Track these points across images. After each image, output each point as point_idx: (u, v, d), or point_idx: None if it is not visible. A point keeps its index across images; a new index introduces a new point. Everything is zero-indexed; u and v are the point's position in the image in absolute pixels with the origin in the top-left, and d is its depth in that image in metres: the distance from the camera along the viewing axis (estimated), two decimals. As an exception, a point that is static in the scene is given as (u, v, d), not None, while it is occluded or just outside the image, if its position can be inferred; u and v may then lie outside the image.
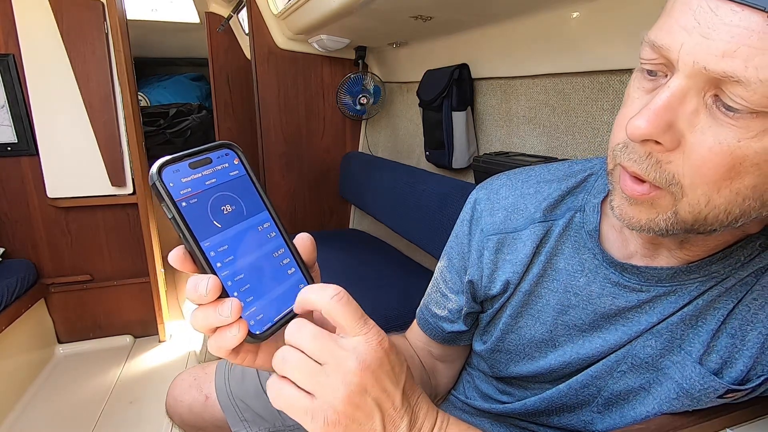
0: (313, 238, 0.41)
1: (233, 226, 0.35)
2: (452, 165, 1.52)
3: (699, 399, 0.46)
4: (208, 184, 0.34)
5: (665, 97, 0.34)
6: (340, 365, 0.33)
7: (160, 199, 0.32)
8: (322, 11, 1.42)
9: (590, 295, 0.50)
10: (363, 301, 0.36)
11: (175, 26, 2.63)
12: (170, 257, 0.33)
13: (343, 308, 0.34)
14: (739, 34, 0.29)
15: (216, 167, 0.35)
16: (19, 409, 1.56)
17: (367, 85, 1.99)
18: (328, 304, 0.33)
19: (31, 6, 1.54)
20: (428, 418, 0.38)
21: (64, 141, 1.67)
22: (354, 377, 0.33)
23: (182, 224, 0.32)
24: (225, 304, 0.32)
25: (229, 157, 0.36)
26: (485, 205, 0.57)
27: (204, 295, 0.32)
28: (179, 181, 0.32)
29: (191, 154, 0.34)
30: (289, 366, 0.33)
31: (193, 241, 0.32)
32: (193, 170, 0.34)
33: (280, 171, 2.08)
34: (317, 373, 0.33)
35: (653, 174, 0.36)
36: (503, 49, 1.27)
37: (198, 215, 0.33)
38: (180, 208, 0.32)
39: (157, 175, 0.31)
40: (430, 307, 0.64)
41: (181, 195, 0.32)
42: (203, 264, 0.33)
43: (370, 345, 0.34)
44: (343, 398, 0.32)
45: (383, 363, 0.34)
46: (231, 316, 0.32)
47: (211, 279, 0.32)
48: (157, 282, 1.85)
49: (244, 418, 0.76)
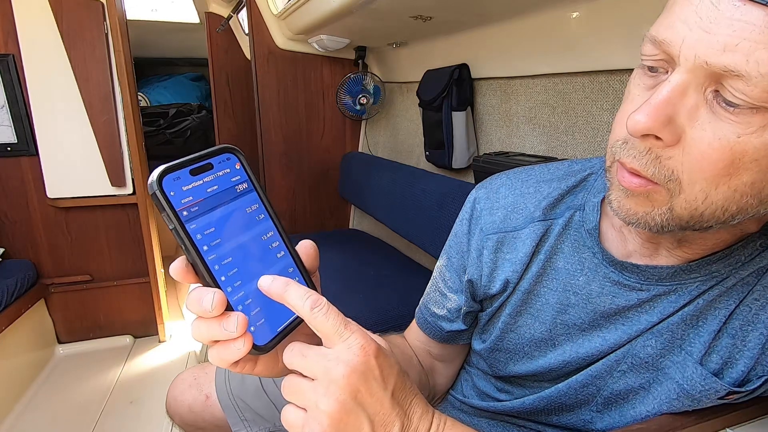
0: (315, 246, 0.41)
1: (236, 236, 0.34)
2: (452, 165, 1.52)
3: (699, 400, 0.46)
4: (210, 191, 0.33)
5: (666, 92, 0.34)
6: (326, 376, 0.33)
7: (160, 209, 0.30)
8: (322, 11, 1.42)
9: (590, 294, 0.50)
10: (363, 301, 0.36)
11: (175, 26, 2.63)
12: (171, 269, 0.32)
13: (323, 318, 0.34)
14: (740, 28, 0.30)
15: (217, 173, 0.34)
16: (19, 409, 1.56)
17: (367, 85, 1.99)
18: (309, 315, 0.34)
19: (31, 6, 1.54)
20: (423, 421, 0.38)
21: (64, 141, 1.66)
22: (339, 384, 0.33)
23: (184, 235, 0.31)
24: (231, 319, 0.32)
25: (231, 161, 0.35)
26: (485, 205, 0.57)
27: (209, 310, 0.31)
28: (180, 189, 0.31)
29: (192, 160, 0.32)
30: (286, 390, 0.35)
31: (196, 253, 0.31)
32: (195, 177, 0.32)
33: (280, 171, 2.08)
34: (307, 389, 0.34)
35: (652, 169, 0.36)
36: (503, 49, 1.27)
37: (200, 225, 0.32)
38: (181, 218, 0.31)
39: (157, 184, 0.30)
40: (429, 306, 0.64)
41: (182, 204, 0.31)
42: (206, 276, 0.32)
43: (352, 351, 0.34)
44: (330, 407, 0.33)
45: (369, 367, 0.34)
46: (237, 332, 0.32)
47: (216, 294, 0.31)
48: (157, 282, 1.85)
49: (244, 418, 0.76)
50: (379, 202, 1.75)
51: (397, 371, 0.37)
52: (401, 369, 0.38)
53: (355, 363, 0.34)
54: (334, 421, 0.33)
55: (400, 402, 0.37)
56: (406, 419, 0.37)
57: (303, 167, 2.12)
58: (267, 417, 0.76)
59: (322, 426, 0.33)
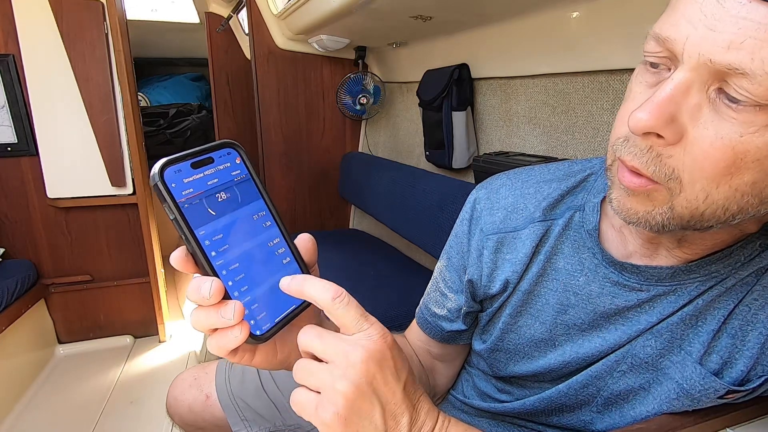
0: (314, 239, 0.41)
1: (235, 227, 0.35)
2: (452, 165, 1.52)
3: (699, 399, 0.46)
4: (210, 184, 0.34)
5: (669, 90, 0.34)
6: (344, 359, 0.34)
7: (162, 200, 0.32)
8: (322, 11, 1.42)
9: (590, 295, 0.50)
10: (363, 301, 0.37)
11: (175, 26, 2.63)
12: (172, 258, 0.33)
13: (345, 309, 0.35)
14: (746, 26, 0.29)
15: (218, 167, 0.35)
16: (19, 409, 1.56)
17: (367, 85, 1.99)
18: (330, 306, 0.34)
19: (31, 6, 1.54)
20: (429, 418, 0.39)
21: (64, 141, 1.66)
22: (357, 368, 0.34)
23: (184, 225, 0.32)
24: (228, 306, 0.32)
25: (231, 156, 0.36)
26: (485, 205, 0.57)
27: (207, 297, 0.32)
28: (181, 181, 0.32)
29: (193, 153, 0.34)
30: (300, 373, 0.35)
31: (195, 243, 0.32)
32: (195, 170, 0.33)
33: (280, 171, 2.08)
34: (322, 370, 0.34)
35: (653, 168, 0.36)
36: (503, 49, 1.27)
37: (200, 216, 0.33)
38: (182, 209, 0.32)
39: (159, 175, 0.31)
40: (429, 306, 0.64)
41: (183, 196, 0.32)
42: (205, 265, 0.33)
43: (372, 339, 0.35)
44: (346, 388, 0.34)
45: (385, 356, 0.35)
46: (233, 319, 0.32)
47: (214, 282, 0.32)
48: (157, 282, 1.85)
49: (244, 418, 0.76)
50: (379, 202, 1.75)
51: (408, 367, 0.38)
52: (411, 367, 0.39)
53: (374, 350, 0.34)
54: (348, 402, 0.34)
55: (410, 396, 0.37)
56: (415, 413, 0.38)
57: (303, 167, 2.12)
58: (267, 417, 0.76)
59: (337, 407, 0.34)
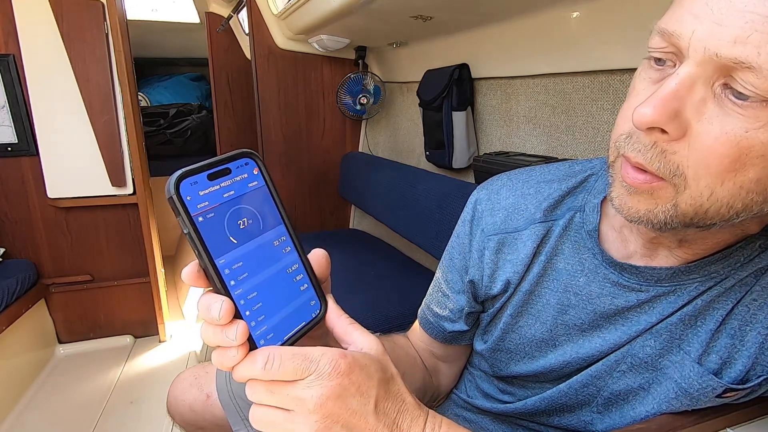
0: (327, 255, 0.40)
1: (249, 241, 0.34)
2: (452, 165, 1.52)
3: (698, 398, 0.46)
4: (226, 196, 0.33)
5: (673, 85, 0.33)
6: (302, 407, 0.33)
7: (176, 213, 0.30)
8: (322, 11, 1.42)
9: (590, 295, 0.50)
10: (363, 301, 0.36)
11: (175, 26, 2.63)
12: (183, 274, 0.32)
13: (280, 369, 0.33)
14: (752, 20, 0.29)
15: (235, 178, 0.34)
16: (19, 409, 1.56)
17: (367, 85, 1.99)
18: (264, 374, 0.33)
19: (31, 6, 1.54)
20: (414, 426, 0.37)
21: (64, 141, 1.66)
22: (317, 414, 0.33)
23: (197, 240, 0.31)
24: (232, 327, 0.32)
25: (249, 166, 0.35)
26: (486, 206, 0.57)
27: (217, 318, 0.31)
28: (197, 194, 0.31)
29: (210, 164, 0.32)
30: (259, 423, 0.35)
31: (208, 258, 0.31)
32: (212, 182, 0.32)
33: (280, 171, 2.08)
34: (284, 420, 0.34)
35: (657, 164, 0.36)
36: (503, 49, 1.27)
37: (214, 231, 0.32)
38: (196, 223, 0.31)
39: (174, 188, 0.30)
40: (431, 306, 0.64)
41: (198, 209, 0.31)
42: (217, 282, 0.32)
43: (323, 377, 0.33)
44: None
45: (344, 387, 0.34)
46: (236, 340, 0.32)
47: (224, 303, 0.31)
48: (158, 282, 1.85)
49: (244, 417, 0.76)
50: (379, 202, 1.75)
51: (377, 380, 0.36)
52: (384, 376, 0.37)
53: (328, 387, 0.33)
54: None
55: (386, 412, 0.36)
56: (395, 427, 0.36)
57: (303, 167, 2.12)
58: (267, 417, 0.76)
59: None
